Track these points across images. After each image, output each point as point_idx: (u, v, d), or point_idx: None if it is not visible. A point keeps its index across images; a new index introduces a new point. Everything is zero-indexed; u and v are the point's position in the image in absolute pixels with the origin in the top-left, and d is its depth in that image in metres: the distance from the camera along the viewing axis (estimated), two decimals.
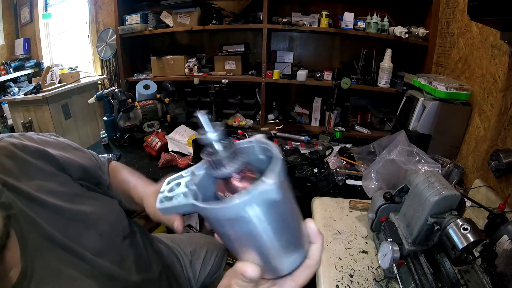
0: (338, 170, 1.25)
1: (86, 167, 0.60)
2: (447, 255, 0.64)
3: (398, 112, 1.56)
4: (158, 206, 0.31)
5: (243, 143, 0.32)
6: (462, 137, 1.29)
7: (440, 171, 0.97)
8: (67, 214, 0.50)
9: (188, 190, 0.30)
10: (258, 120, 2.04)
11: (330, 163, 1.28)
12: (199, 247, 1.02)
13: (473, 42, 1.25)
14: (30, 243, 0.45)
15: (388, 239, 0.69)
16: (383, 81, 1.72)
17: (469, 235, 0.58)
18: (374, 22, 1.67)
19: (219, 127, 0.27)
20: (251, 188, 0.24)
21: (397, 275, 0.65)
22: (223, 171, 0.27)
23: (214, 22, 1.83)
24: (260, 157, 0.32)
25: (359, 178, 1.23)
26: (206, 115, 0.27)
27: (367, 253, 0.83)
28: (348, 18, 1.68)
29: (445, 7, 1.52)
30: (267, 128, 1.91)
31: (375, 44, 1.86)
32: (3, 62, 2.52)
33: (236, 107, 2.08)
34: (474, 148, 1.21)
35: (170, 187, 0.32)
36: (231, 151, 0.27)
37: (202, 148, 0.28)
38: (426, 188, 0.66)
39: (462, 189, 1.18)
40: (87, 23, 2.45)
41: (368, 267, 0.77)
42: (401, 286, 0.65)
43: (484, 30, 1.16)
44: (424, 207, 0.65)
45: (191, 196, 0.29)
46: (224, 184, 0.29)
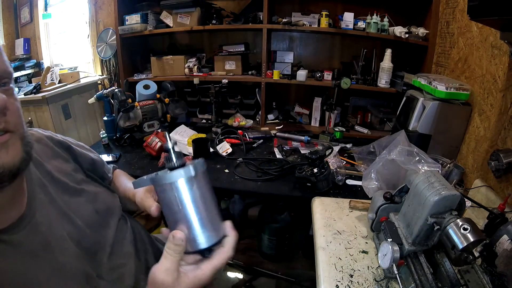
0: (338, 170, 1.25)
1: (94, 161, 0.75)
2: (447, 255, 0.64)
3: (398, 112, 1.56)
4: (132, 182, 0.52)
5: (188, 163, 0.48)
6: (462, 137, 1.28)
7: (440, 171, 0.97)
8: (72, 190, 0.62)
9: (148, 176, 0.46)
10: (258, 120, 2.04)
11: (330, 163, 1.28)
12: None
13: (473, 42, 1.25)
14: (37, 199, 0.54)
15: (388, 239, 0.69)
16: (383, 81, 1.72)
17: (469, 235, 0.58)
18: (374, 22, 1.67)
19: (180, 154, 0.45)
20: (178, 170, 0.42)
21: (397, 275, 0.65)
22: (172, 163, 0.44)
23: (214, 22, 1.83)
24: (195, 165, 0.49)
25: (359, 178, 1.23)
26: (172, 142, 0.45)
27: (367, 253, 0.83)
28: (348, 18, 1.68)
29: (445, 7, 1.52)
30: (267, 128, 1.91)
31: (375, 44, 1.86)
32: None
33: (236, 107, 2.08)
34: (474, 148, 1.21)
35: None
36: (181, 158, 0.45)
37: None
38: (426, 188, 0.66)
39: (462, 189, 1.18)
40: (87, 23, 2.45)
41: (368, 267, 0.77)
42: (401, 286, 0.65)
43: (484, 30, 1.16)
44: (424, 207, 0.65)
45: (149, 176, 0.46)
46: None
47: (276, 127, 1.95)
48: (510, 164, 0.92)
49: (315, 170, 1.15)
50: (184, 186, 0.42)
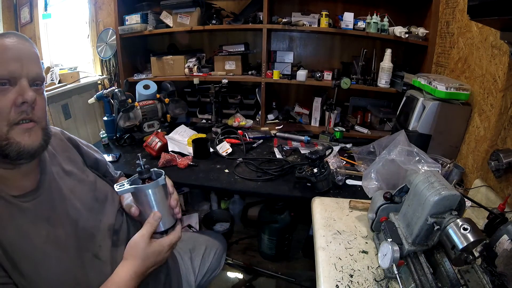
0: (338, 170, 1.25)
1: (98, 160, 0.85)
2: (447, 255, 0.64)
3: (398, 112, 1.55)
4: (116, 189, 0.67)
5: (155, 171, 0.73)
6: (462, 137, 1.28)
7: (440, 171, 0.97)
8: (77, 178, 0.73)
9: (129, 184, 0.68)
10: (258, 120, 2.04)
11: (330, 163, 1.28)
12: (198, 244, 1.10)
13: (473, 42, 1.25)
14: (47, 180, 0.65)
15: (388, 239, 0.69)
16: (383, 81, 1.72)
17: (469, 235, 0.58)
18: (374, 22, 1.67)
19: (148, 168, 0.71)
20: (151, 182, 0.68)
21: (397, 275, 0.65)
22: (144, 175, 0.70)
23: (214, 22, 1.83)
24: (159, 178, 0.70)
25: (359, 178, 1.23)
26: (142, 161, 0.71)
27: (367, 253, 0.83)
28: (348, 18, 1.68)
29: (445, 7, 1.52)
30: (267, 128, 1.91)
31: (375, 44, 1.86)
32: None
33: (236, 107, 2.07)
34: (474, 148, 1.21)
35: (121, 183, 0.69)
36: (149, 171, 0.71)
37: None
38: (426, 188, 0.66)
39: (462, 189, 1.18)
40: (87, 23, 2.45)
41: (368, 267, 0.77)
42: (401, 286, 0.65)
43: (484, 30, 1.16)
44: (424, 207, 0.65)
45: (129, 185, 0.68)
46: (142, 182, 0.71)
47: (276, 127, 1.95)
48: (510, 164, 0.92)
49: (315, 170, 1.15)
50: (153, 192, 0.68)
